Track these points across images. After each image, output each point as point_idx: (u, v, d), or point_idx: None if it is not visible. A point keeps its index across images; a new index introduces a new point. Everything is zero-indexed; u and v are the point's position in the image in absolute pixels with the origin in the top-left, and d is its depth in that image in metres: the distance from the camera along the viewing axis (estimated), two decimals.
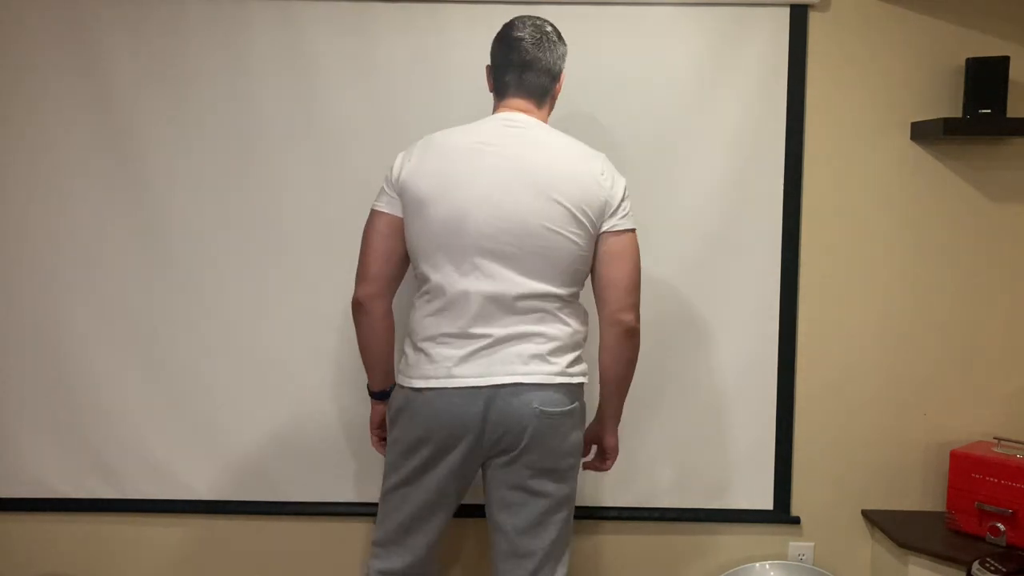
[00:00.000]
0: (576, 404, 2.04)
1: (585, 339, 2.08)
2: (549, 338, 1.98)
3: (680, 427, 2.61)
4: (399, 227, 2.03)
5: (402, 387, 2.05)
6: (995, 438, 2.57)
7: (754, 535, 2.66)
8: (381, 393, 2.21)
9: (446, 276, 1.97)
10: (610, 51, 2.50)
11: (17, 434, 2.60)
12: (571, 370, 2.02)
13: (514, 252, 1.95)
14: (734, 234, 2.55)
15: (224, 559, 2.68)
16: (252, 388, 2.59)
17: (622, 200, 2.03)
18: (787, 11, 2.49)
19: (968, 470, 2.46)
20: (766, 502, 2.64)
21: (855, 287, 2.60)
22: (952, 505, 2.50)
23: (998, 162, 2.55)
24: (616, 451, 2.22)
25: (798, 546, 2.66)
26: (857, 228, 2.58)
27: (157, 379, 2.59)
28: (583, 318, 2.08)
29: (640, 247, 2.52)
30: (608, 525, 2.66)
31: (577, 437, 2.06)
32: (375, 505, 2.61)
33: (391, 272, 2.06)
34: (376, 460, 2.55)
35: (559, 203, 1.96)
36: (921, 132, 2.52)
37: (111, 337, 2.57)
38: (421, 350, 2.01)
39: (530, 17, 2.09)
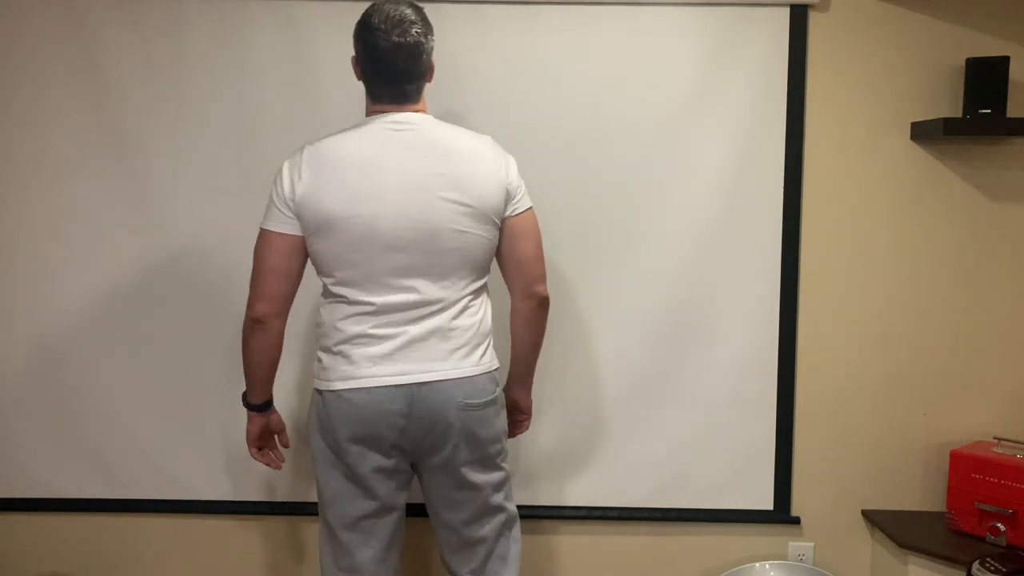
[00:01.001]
0: (498, 391, 2.07)
1: (490, 322, 2.09)
2: (465, 329, 2.00)
3: (680, 427, 2.61)
4: (297, 245, 1.97)
5: (319, 392, 2.02)
6: (995, 438, 2.57)
7: (754, 535, 2.66)
8: (263, 405, 2.13)
9: (361, 290, 1.96)
10: (610, 51, 2.50)
11: (17, 434, 2.60)
12: (486, 359, 2.04)
13: (427, 259, 1.94)
14: (734, 234, 2.55)
15: (224, 559, 2.68)
16: None
17: (518, 181, 2.04)
18: (787, 11, 2.49)
19: (968, 470, 2.46)
20: (766, 502, 2.64)
21: (855, 287, 2.60)
22: (952, 505, 2.50)
23: (998, 162, 2.55)
24: (531, 411, 2.30)
25: (798, 546, 2.66)
26: (857, 228, 2.58)
27: (157, 379, 2.59)
28: (488, 300, 2.09)
29: (640, 247, 2.55)
30: (608, 525, 2.66)
31: (501, 422, 2.09)
32: None
33: (288, 291, 2.01)
34: None
35: (464, 204, 1.94)
36: (921, 132, 2.52)
37: (111, 336, 2.57)
38: (338, 353, 1.98)
39: (392, 12, 1.92)
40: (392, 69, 1.95)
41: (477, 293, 2.04)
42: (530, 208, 2.06)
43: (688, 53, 2.50)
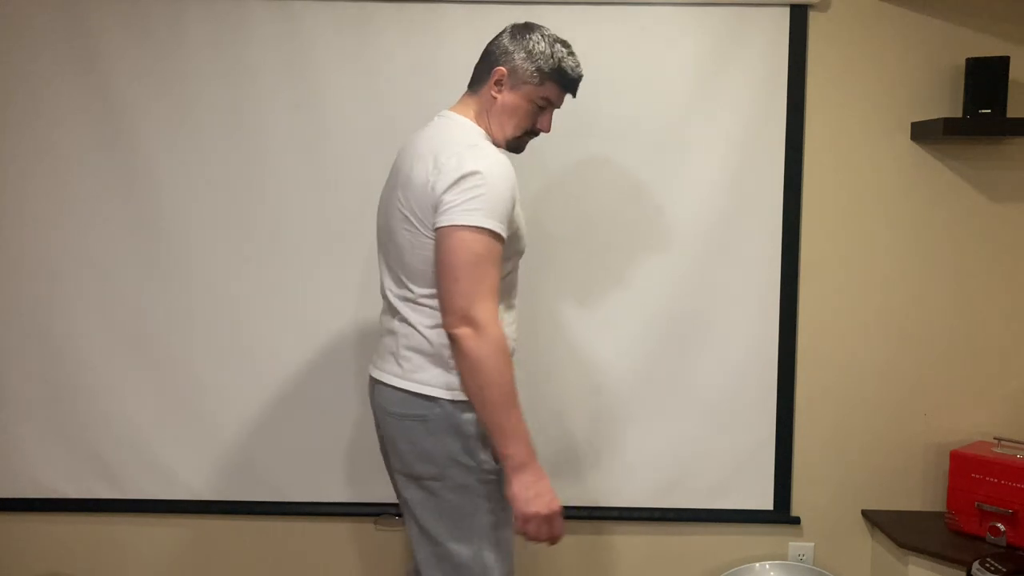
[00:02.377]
0: (436, 412, 1.86)
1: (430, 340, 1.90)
2: (399, 336, 1.91)
3: (680, 427, 2.61)
4: None
5: None
6: (995, 438, 2.57)
7: (754, 535, 2.66)
8: None
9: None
10: (610, 51, 2.50)
11: (17, 434, 2.60)
12: (415, 376, 1.88)
13: (386, 254, 1.97)
14: (734, 234, 2.55)
15: (224, 559, 2.68)
16: (252, 388, 2.59)
17: (446, 193, 1.79)
18: (787, 11, 2.49)
19: (968, 470, 2.46)
20: (766, 502, 2.64)
21: (855, 287, 2.60)
22: (952, 505, 2.50)
23: (998, 162, 2.55)
24: (519, 502, 1.79)
25: (798, 546, 2.66)
26: (857, 228, 2.58)
27: (157, 379, 2.59)
28: (431, 315, 1.89)
29: (640, 246, 2.55)
30: (609, 525, 2.66)
31: (441, 446, 1.87)
32: (374, 505, 2.62)
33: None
34: (375, 460, 2.54)
35: (402, 203, 1.88)
36: (921, 132, 2.52)
37: (111, 337, 2.57)
38: None
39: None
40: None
41: (420, 303, 1.89)
42: (459, 226, 1.76)
43: (688, 53, 2.50)
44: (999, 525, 2.41)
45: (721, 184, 2.54)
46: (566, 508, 2.62)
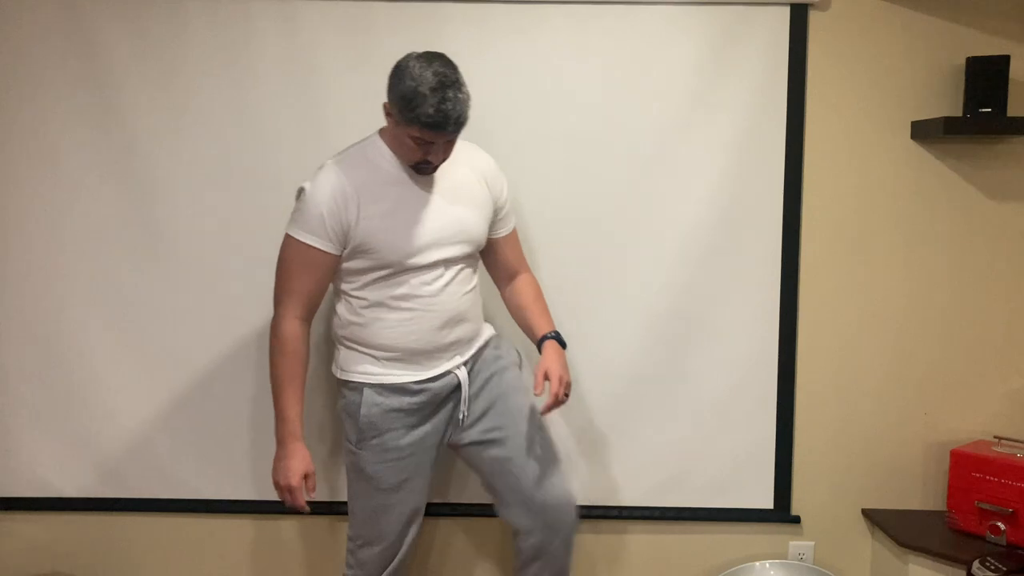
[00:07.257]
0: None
1: (345, 330, 2.20)
2: None
3: (681, 427, 2.61)
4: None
5: None
6: (995, 437, 2.57)
7: (754, 535, 2.67)
8: None
9: None
10: (610, 51, 2.50)
11: (18, 434, 2.60)
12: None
13: None
14: (734, 234, 2.55)
15: (224, 559, 2.68)
16: (253, 388, 2.59)
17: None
18: (787, 11, 2.49)
19: (968, 469, 2.47)
20: (766, 502, 2.64)
21: (855, 287, 2.60)
22: (952, 504, 2.50)
23: (998, 162, 2.55)
24: (272, 471, 2.20)
25: (798, 546, 2.67)
26: (857, 227, 2.58)
27: (158, 378, 2.59)
28: (341, 303, 2.20)
29: (641, 246, 2.55)
30: (608, 524, 2.66)
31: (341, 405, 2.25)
32: None
33: None
34: None
35: None
36: (921, 131, 2.52)
37: (112, 336, 2.57)
38: None
39: None
40: None
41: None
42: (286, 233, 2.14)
43: (689, 52, 2.50)
44: (999, 524, 2.41)
45: (721, 184, 2.54)
46: None
